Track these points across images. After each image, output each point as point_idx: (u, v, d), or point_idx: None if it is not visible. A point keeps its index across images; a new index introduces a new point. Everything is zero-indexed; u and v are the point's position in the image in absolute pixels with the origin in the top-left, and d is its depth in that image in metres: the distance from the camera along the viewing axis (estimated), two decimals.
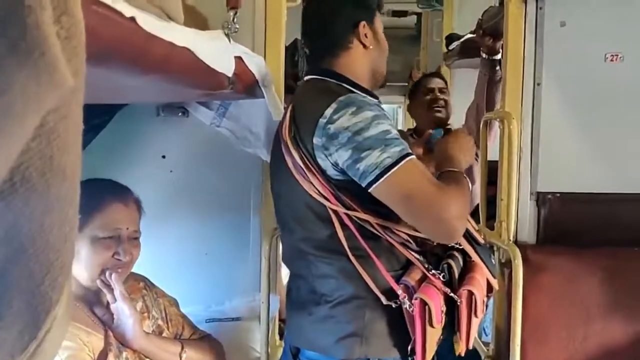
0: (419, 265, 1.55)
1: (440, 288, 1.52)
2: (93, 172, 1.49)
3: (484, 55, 2.69)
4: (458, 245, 1.61)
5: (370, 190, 1.42)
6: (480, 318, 1.62)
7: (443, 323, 1.52)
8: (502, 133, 2.07)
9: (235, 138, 1.92)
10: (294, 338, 1.67)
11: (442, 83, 3.04)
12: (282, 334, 2.12)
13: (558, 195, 2.05)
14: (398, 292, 1.49)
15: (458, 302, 1.54)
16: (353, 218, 1.49)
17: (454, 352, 1.65)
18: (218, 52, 1.26)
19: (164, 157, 2.06)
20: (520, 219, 2.07)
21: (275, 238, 1.94)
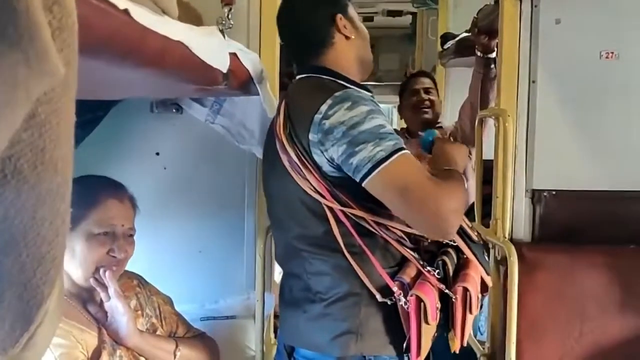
0: (414, 262, 1.54)
1: (435, 285, 1.52)
2: (86, 168, 1.48)
3: (479, 54, 2.69)
4: (452, 242, 1.61)
5: (364, 185, 1.40)
6: (475, 315, 1.62)
7: (438, 320, 1.52)
8: (497, 130, 2.07)
9: (230, 135, 1.92)
10: (289, 337, 1.66)
11: (428, 82, 3.02)
12: (277, 332, 2.12)
13: (553, 193, 2.05)
14: (393, 288, 1.49)
15: (453, 298, 1.54)
16: (349, 215, 1.49)
17: (450, 349, 1.65)
18: (212, 47, 1.26)
19: (158, 154, 2.06)
20: (516, 217, 2.07)
21: (270, 236, 1.93)
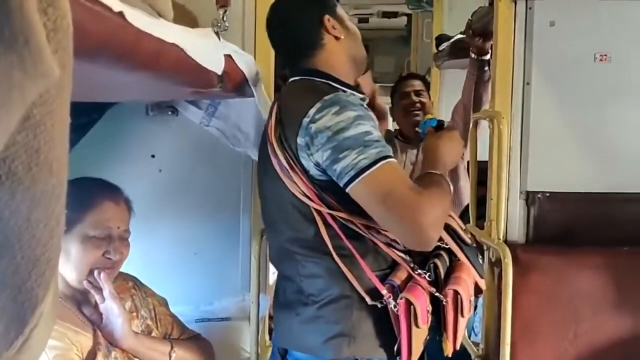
0: (405, 265, 1.54)
1: (426, 288, 1.51)
2: (82, 170, 1.48)
3: (473, 55, 2.70)
4: (445, 245, 1.60)
5: (347, 191, 1.40)
6: (467, 318, 1.61)
7: (429, 323, 1.51)
8: (491, 132, 2.07)
9: (225, 137, 1.92)
10: (282, 339, 1.65)
11: (418, 85, 3.00)
12: (272, 334, 2.12)
13: (547, 195, 2.05)
14: (382, 292, 1.48)
15: (444, 301, 1.53)
16: (337, 218, 1.49)
17: (444, 351, 1.65)
18: (207, 49, 1.26)
19: (153, 156, 2.05)
20: (510, 219, 2.07)
21: (265, 238, 1.93)
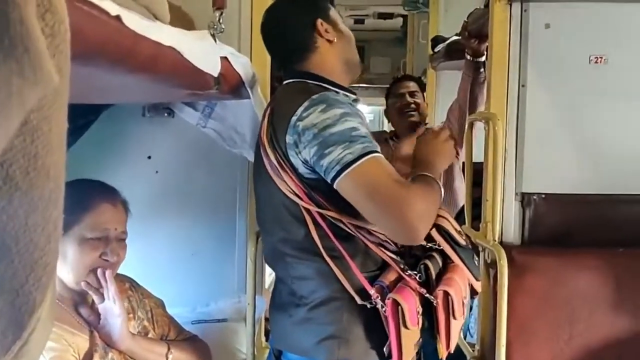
0: (395, 266, 1.54)
1: (416, 289, 1.51)
2: (78, 172, 1.48)
3: (469, 57, 2.71)
4: (438, 247, 1.60)
5: (335, 187, 1.41)
6: (461, 320, 1.60)
7: (420, 325, 1.51)
8: (487, 134, 2.07)
9: (221, 139, 1.92)
10: (277, 341, 1.66)
11: (413, 86, 3.02)
12: (268, 335, 2.12)
13: (543, 196, 2.06)
14: (370, 292, 1.48)
15: (434, 302, 1.53)
16: (326, 217, 1.49)
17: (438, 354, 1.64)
18: (204, 52, 1.26)
19: (150, 157, 2.06)
20: (505, 220, 2.08)
21: (261, 239, 1.93)
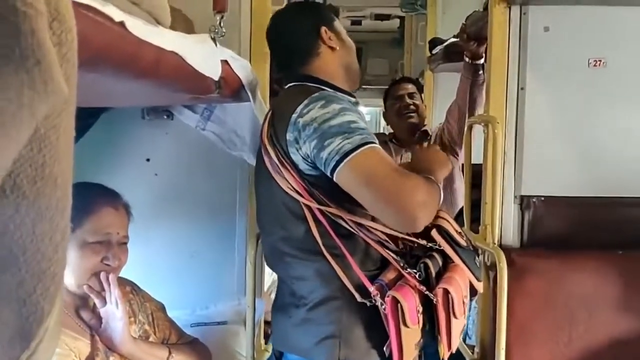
0: (395, 264, 1.54)
1: (415, 286, 1.51)
2: (76, 174, 1.46)
3: (467, 60, 2.71)
4: (438, 247, 1.60)
5: (335, 178, 1.43)
6: (462, 320, 1.60)
7: (420, 324, 1.51)
8: (486, 137, 2.07)
9: (221, 141, 1.92)
10: (277, 342, 1.68)
11: (411, 88, 3.06)
12: (267, 337, 2.12)
13: (542, 199, 2.06)
14: (370, 289, 1.49)
15: (434, 300, 1.53)
16: (326, 213, 1.50)
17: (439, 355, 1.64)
18: (205, 56, 1.26)
19: (149, 160, 2.05)
20: (505, 223, 2.08)
21: (261, 242, 1.93)
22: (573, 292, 1.97)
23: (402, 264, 1.54)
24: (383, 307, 1.47)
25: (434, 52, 3.74)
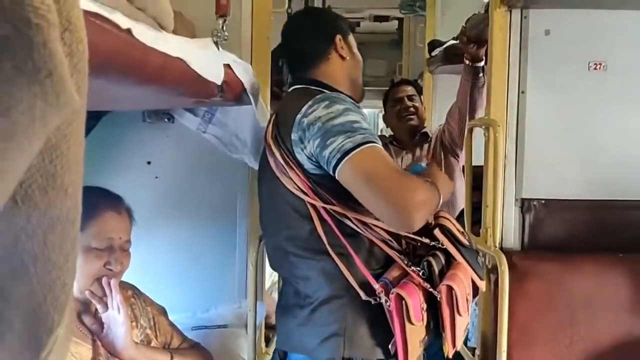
0: (399, 262, 1.56)
1: (419, 284, 1.52)
2: None
3: (468, 62, 2.71)
4: (441, 246, 1.61)
5: (337, 176, 1.45)
6: (466, 318, 1.61)
7: (425, 321, 1.52)
8: (487, 140, 2.08)
9: (222, 144, 1.92)
10: (282, 343, 1.68)
11: (410, 90, 3.08)
12: (267, 341, 2.12)
13: (543, 202, 2.06)
14: (375, 286, 1.50)
15: (438, 297, 1.54)
16: (331, 212, 1.52)
17: (443, 352, 1.64)
18: (208, 60, 1.26)
19: (150, 163, 2.05)
20: (506, 226, 2.08)
21: (262, 244, 1.93)
22: (574, 294, 1.98)
23: (406, 262, 1.56)
24: (388, 304, 1.48)
25: (434, 54, 3.74)
